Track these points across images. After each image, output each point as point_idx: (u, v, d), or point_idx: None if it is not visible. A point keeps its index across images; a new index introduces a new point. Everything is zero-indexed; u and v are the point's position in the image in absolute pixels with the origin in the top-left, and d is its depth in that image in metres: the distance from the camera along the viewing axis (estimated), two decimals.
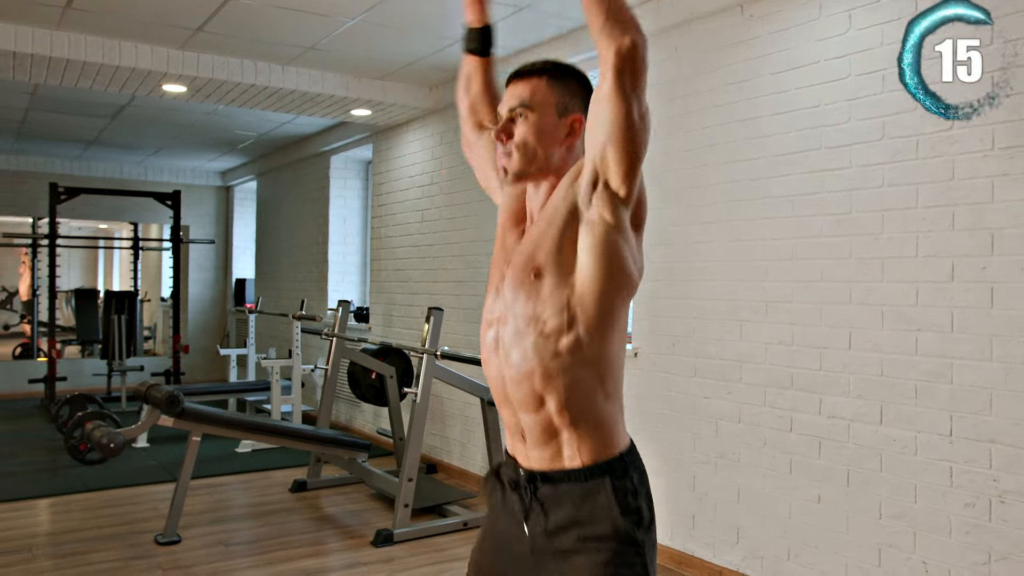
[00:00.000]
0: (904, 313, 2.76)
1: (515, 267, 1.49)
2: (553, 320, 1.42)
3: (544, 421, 1.44)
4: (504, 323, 1.49)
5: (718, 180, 3.41)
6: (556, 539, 1.44)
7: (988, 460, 2.53)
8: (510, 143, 1.49)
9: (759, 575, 3.22)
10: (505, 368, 1.48)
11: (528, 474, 1.48)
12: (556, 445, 1.44)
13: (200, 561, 3.61)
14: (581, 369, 1.42)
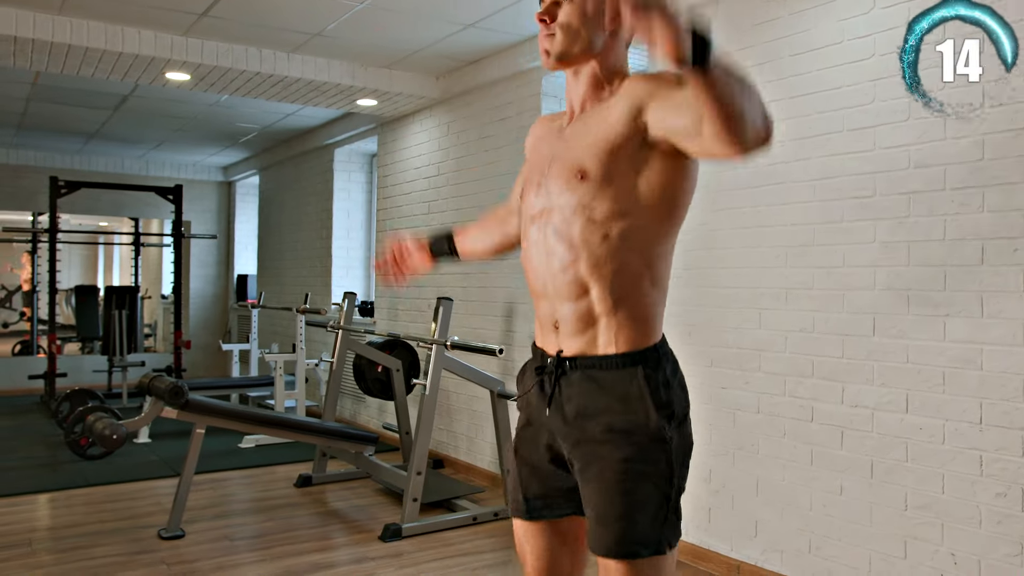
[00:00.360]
0: (931, 298, 2.68)
1: (561, 167, 1.49)
2: (604, 206, 1.42)
3: (584, 309, 1.45)
4: (548, 216, 1.49)
5: (736, 165, 3.33)
6: (585, 425, 1.44)
7: (1021, 448, 2.45)
8: (553, 24, 1.48)
9: (779, 569, 3.14)
10: (548, 259, 1.48)
11: (559, 360, 1.47)
12: (592, 333, 1.45)
13: (204, 556, 3.53)
14: (630, 254, 1.43)
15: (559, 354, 1.49)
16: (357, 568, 3.40)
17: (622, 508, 1.40)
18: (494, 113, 4.87)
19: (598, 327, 1.46)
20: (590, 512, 1.46)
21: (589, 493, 1.46)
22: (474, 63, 4.84)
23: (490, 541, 3.77)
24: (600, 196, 1.43)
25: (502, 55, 4.62)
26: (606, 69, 1.52)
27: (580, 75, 1.54)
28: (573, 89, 1.56)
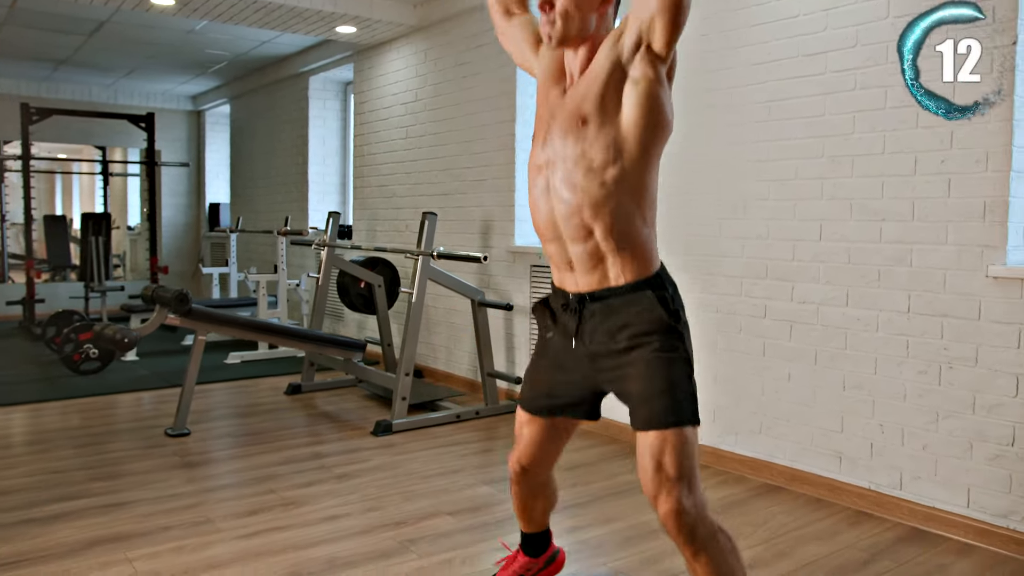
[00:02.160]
0: (870, 205, 3.05)
1: (563, 118, 1.74)
2: (600, 156, 1.68)
3: (592, 249, 1.72)
4: (553, 167, 1.75)
5: (699, 87, 3.63)
6: (611, 342, 1.74)
7: (940, 332, 2.85)
8: (553, 12, 1.73)
9: (733, 449, 3.56)
10: (556, 206, 1.74)
11: (578, 296, 1.76)
12: (603, 270, 1.73)
13: (212, 449, 3.85)
14: (623, 196, 1.70)
15: (580, 293, 1.78)
16: (353, 456, 3.74)
17: (663, 385, 1.68)
18: (471, 41, 5.08)
19: (607, 264, 1.74)
20: (636, 400, 1.72)
21: (629, 388, 1.73)
22: None
23: (474, 435, 4.15)
24: (596, 143, 1.69)
25: None
26: (598, 42, 1.77)
27: (578, 52, 1.79)
28: (572, 61, 1.81)
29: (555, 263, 1.84)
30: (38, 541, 2.66)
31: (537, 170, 1.81)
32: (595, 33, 1.77)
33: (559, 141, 1.75)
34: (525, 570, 2.28)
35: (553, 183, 1.76)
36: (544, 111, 1.84)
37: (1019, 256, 2.72)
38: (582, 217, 1.71)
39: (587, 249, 1.73)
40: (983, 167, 2.73)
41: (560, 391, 1.91)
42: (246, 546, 2.65)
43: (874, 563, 2.60)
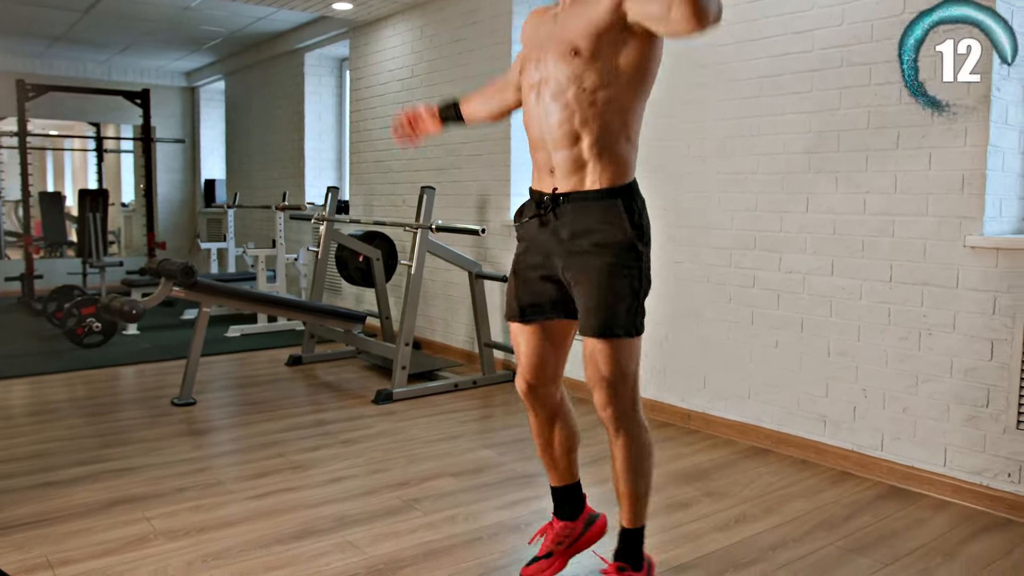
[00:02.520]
0: (855, 178, 3.16)
1: (557, 45, 1.88)
2: (591, 79, 1.83)
3: (576, 155, 1.88)
4: (546, 83, 1.90)
5: (692, 63, 3.72)
6: (576, 242, 1.90)
7: (920, 300, 2.99)
8: None
9: (723, 414, 3.70)
10: (546, 115, 1.89)
11: (554, 196, 1.92)
12: (582, 174, 1.89)
13: (218, 417, 3.97)
14: (610, 114, 1.85)
15: (555, 191, 1.94)
16: (356, 423, 3.87)
17: (606, 299, 1.88)
18: (466, 18, 5.15)
19: (586, 170, 1.89)
20: (581, 305, 1.92)
21: (580, 292, 1.93)
22: None
23: (473, 402, 4.28)
24: (589, 70, 1.84)
25: None
26: None
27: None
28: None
29: (538, 168, 1.99)
30: (59, 502, 2.78)
31: (531, 87, 1.95)
32: None
33: (552, 63, 1.89)
34: (563, 537, 2.23)
35: (545, 97, 1.91)
36: (533, 40, 1.99)
37: (995, 227, 2.85)
38: (572, 125, 1.86)
39: (571, 155, 1.88)
40: (962, 142, 2.85)
41: (536, 290, 2.03)
42: (258, 506, 2.78)
43: (855, 518, 2.75)
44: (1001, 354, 2.78)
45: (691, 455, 3.41)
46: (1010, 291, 2.75)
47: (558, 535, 2.24)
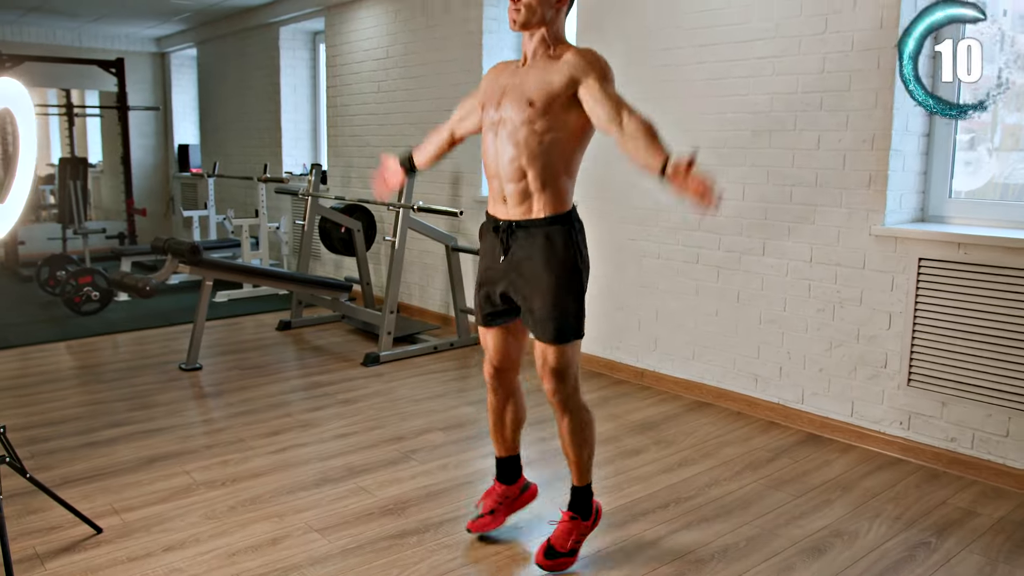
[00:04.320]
0: (783, 173, 3.69)
1: (516, 94, 2.31)
2: (541, 125, 2.27)
3: (523, 188, 2.33)
4: (503, 125, 2.33)
5: (649, 63, 4.19)
6: (526, 263, 2.36)
7: (835, 278, 3.55)
8: (520, 3, 2.29)
9: (671, 372, 4.27)
10: (502, 153, 2.33)
11: (507, 223, 2.38)
12: (528, 204, 2.34)
13: (225, 381, 4.42)
14: (554, 155, 2.31)
15: (509, 220, 2.39)
16: (350, 384, 4.36)
17: (554, 311, 2.32)
18: (440, 4, 5.52)
19: (532, 200, 2.34)
20: (534, 316, 2.36)
21: (533, 306, 2.37)
22: None
23: (451, 363, 4.80)
24: (540, 119, 2.27)
25: None
26: (551, 34, 2.35)
27: (534, 36, 2.35)
28: (528, 44, 2.38)
29: (493, 194, 2.43)
30: (105, 460, 3.25)
31: (491, 125, 2.37)
32: (550, 22, 2.33)
33: (509, 108, 2.31)
34: (503, 498, 2.68)
35: (501, 136, 2.33)
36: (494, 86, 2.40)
37: (895, 218, 3.41)
38: (520, 163, 2.30)
39: (519, 188, 2.32)
40: (870, 146, 3.38)
41: (495, 302, 2.48)
42: (278, 459, 3.28)
43: (777, 460, 3.34)
44: (897, 324, 3.37)
45: (644, 408, 3.98)
46: (905, 272, 3.32)
47: (500, 496, 2.69)
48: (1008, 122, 3.47)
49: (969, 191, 3.48)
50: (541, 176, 2.30)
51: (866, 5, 3.34)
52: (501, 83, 2.39)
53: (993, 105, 3.12)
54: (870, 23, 3.33)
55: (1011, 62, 3.03)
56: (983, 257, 3.10)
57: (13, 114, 2.15)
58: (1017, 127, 3.46)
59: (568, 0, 2.37)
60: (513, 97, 2.31)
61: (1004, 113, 3.43)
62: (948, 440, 3.26)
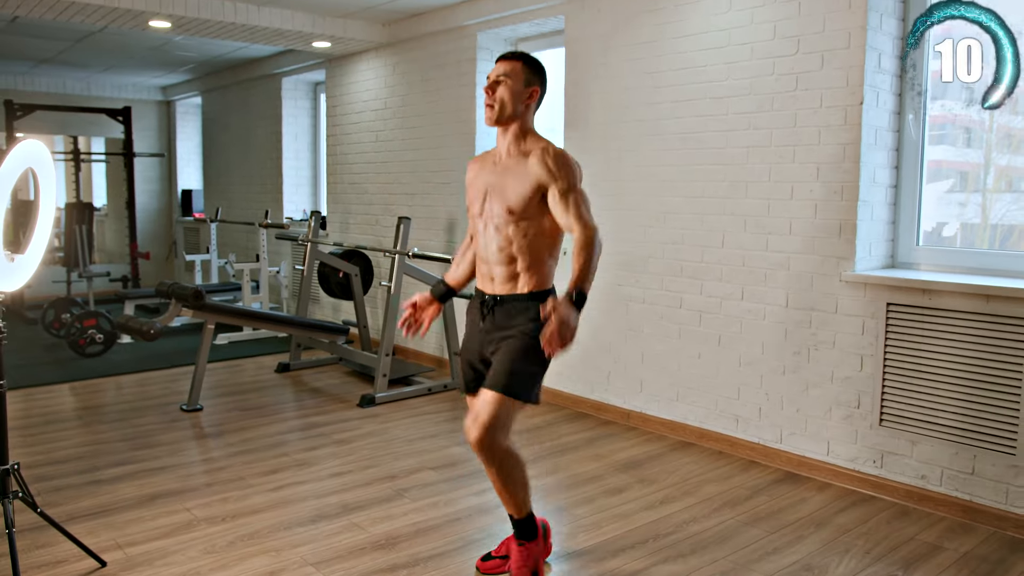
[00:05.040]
0: (760, 221, 3.88)
1: (498, 197, 2.54)
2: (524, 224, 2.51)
3: (511, 271, 2.55)
4: (491, 218, 2.56)
5: (631, 118, 4.41)
6: (504, 330, 2.56)
7: (809, 322, 3.72)
8: (493, 97, 2.54)
9: (656, 414, 4.41)
10: (490, 242, 2.56)
11: (492, 297, 2.59)
12: (514, 283, 2.56)
13: (226, 421, 4.56)
14: (540, 245, 2.54)
15: (494, 295, 2.59)
16: (346, 424, 4.50)
17: (510, 367, 2.47)
18: (435, 59, 5.77)
19: (518, 280, 2.55)
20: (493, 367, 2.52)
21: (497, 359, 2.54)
22: (419, 15, 5.70)
23: (445, 404, 4.94)
24: (522, 219, 2.50)
25: (444, 12, 5.50)
26: (523, 128, 2.58)
27: (507, 131, 2.58)
28: (502, 139, 2.60)
29: (481, 274, 2.64)
30: (109, 497, 3.39)
31: (479, 217, 2.60)
32: (521, 116, 2.56)
33: (494, 207, 2.55)
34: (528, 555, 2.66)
35: (489, 228, 2.56)
36: (481, 181, 2.62)
37: (864, 265, 3.59)
38: (509, 251, 2.53)
39: (507, 271, 2.55)
40: (839, 197, 3.58)
41: (478, 370, 2.66)
42: (276, 496, 3.41)
43: (755, 497, 3.47)
44: (868, 367, 3.53)
45: (629, 448, 4.12)
46: (874, 317, 3.49)
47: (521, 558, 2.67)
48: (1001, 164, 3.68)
49: (949, 235, 3.68)
50: (527, 261, 2.53)
51: (833, 66, 3.55)
52: (483, 181, 2.62)
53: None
54: (837, 82, 3.54)
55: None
56: (947, 303, 3.27)
57: (37, 174, 2.33)
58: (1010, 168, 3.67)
59: (536, 98, 2.60)
60: (495, 198, 2.54)
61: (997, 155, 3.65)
62: (918, 477, 3.40)
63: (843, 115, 3.54)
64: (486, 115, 2.57)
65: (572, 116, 4.75)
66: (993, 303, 3.15)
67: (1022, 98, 3.57)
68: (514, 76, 2.54)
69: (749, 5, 3.85)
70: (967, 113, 3.59)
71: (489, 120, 2.56)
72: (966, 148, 3.81)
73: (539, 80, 2.60)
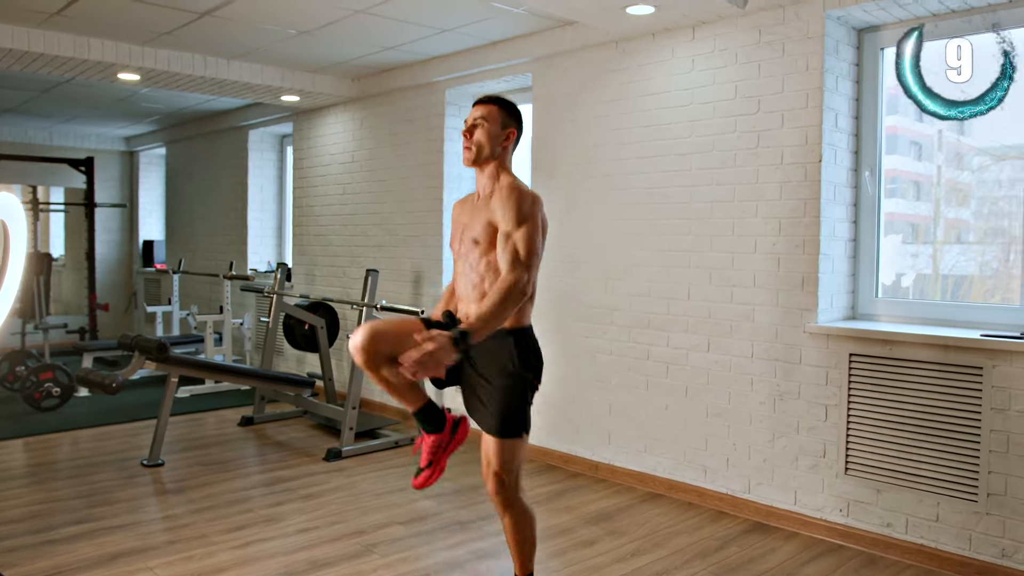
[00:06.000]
0: (724, 274, 3.96)
1: (471, 230, 2.61)
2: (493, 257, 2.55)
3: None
4: (465, 256, 2.63)
5: (597, 173, 4.51)
6: (483, 368, 2.59)
7: (774, 372, 3.78)
8: (471, 140, 2.63)
9: (625, 465, 4.42)
10: (466, 279, 2.62)
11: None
12: None
13: (188, 477, 4.46)
14: None
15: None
16: (312, 479, 4.43)
17: (503, 409, 2.55)
18: (404, 114, 5.85)
19: None
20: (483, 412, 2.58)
21: (485, 402, 2.58)
22: (389, 71, 5.79)
23: (411, 458, 4.89)
24: (488, 253, 2.56)
25: (413, 68, 5.60)
26: (499, 168, 2.66)
27: (484, 172, 2.66)
28: (480, 180, 2.68)
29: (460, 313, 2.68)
30: (67, 557, 3.28)
31: (457, 253, 2.69)
32: (498, 157, 2.64)
33: (468, 243, 2.62)
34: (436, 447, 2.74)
35: (465, 266, 2.64)
36: (460, 222, 2.71)
37: (827, 316, 3.68)
38: (483, 289, 2.58)
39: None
40: (801, 251, 3.68)
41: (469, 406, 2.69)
42: (242, 554, 3.34)
43: (724, 549, 3.48)
44: (833, 416, 3.59)
45: (598, 500, 4.11)
46: (837, 368, 3.57)
47: (432, 446, 2.75)
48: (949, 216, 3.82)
49: (906, 286, 3.80)
50: None
51: (792, 124, 3.69)
52: (462, 220, 2.71)
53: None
54: (797, 140, 3.67)
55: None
56: (908, 353, 3.36)
57: (7, 227, 2.31)
58: (957, 220, 3.81)
59: (513, 139, 2.69)
60: (469, 234, 2.62)
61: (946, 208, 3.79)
62: (884, 526, 3.44)
63: (803, 172, 3.66)
64: (464, 156, 2.66)
65: (539, 170, 4.83)
66: (952, 353, 3.24)
67: (967, 155, 3.75)
68: (491, 119, 2.63)
69: (710, 66, 3.99)
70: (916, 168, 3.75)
71: (467, 161, 2.64)
72: (916, 201, 3.97)
73: (515, 123, 2.69)
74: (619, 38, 4.36)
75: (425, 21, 4.53)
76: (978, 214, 3.74)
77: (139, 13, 4.41)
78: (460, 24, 4.58)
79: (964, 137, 3.78)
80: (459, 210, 2.78)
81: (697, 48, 4.04)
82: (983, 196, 3.71)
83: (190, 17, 4.47)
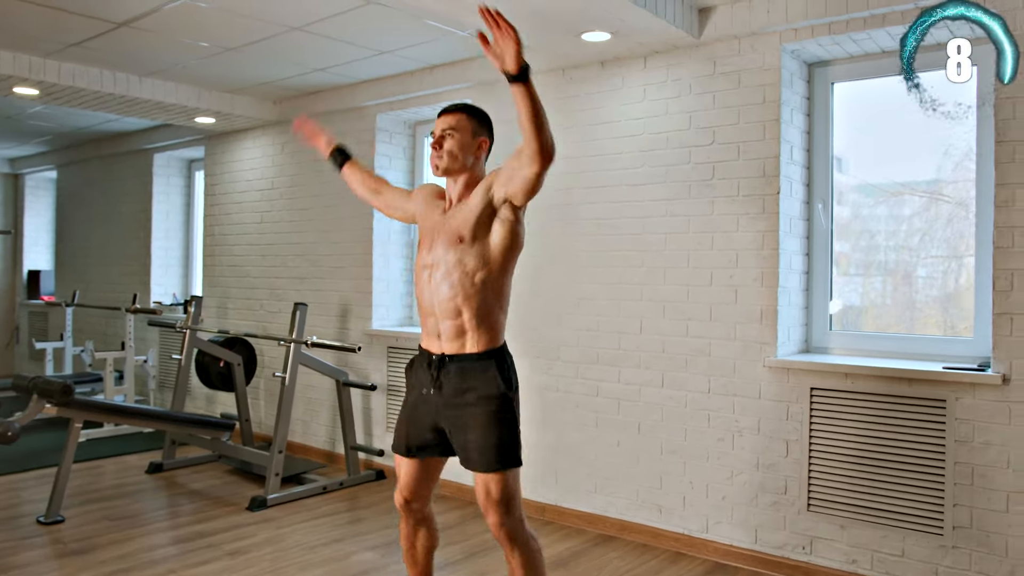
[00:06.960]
0: (679, 307, 3.87)
1: (446, 234, 2.43)
2: (472, 263, 2.39)
3: (458, 325, 2.41)
4: (437, 267, 2.43)
5: (543, 203, 4.33)
6: (461, 397, 2.41)
7: (732, 407, 3.70)
8: (442, 151, 2.46)
9: (573, 507, 4.24)
10: (436, 292, 2.42)
11: (441, 357, 2.43)
12: (463, 340, 2.42)
13: (93, 535, 3.99)
14: (487, 292, 2.41)
15: (442, 354, 2.42)
16: (237, 532, 4.05)
17: (495, 440, 2.37)
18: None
19: (467, 336, 2.42)
20: (472, 447, 2.38)
21: (470, 437, 2.39)
22: (314, 93, 5.51)
23: (343, 504, 4.56)
24: (469, 254, 2.39)
25: (342, 91, 5.34)
26: (472, 178, 2.51)
27: (457, 180, 2.51)
28: (452, 188, 2.53)
29: (427, 331, 2.49)
30: None
31: (423, 267, 2.48)
32: (471, 168, 2.49)
33: (441, 249, 2.43)
34: None
35: (435, 278, 2.44)
36: (428, 227, 2.53)
37: (785, 350, 3.63)
38: (456, 303, 2.39)
39: (455, 324, 2.41)
40: (760, 283, 3.62)
41: (424, 436, 2.51)
42: None
43: None
44: (794, 452, 3.52)
45: (549, 545, 3.90)
46: (798, 402, 3.51)
47: None
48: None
49: (854, 319, 3.78)
50: (477, 314, 2.39)
51: (749, 156, 3.65)
52: (431, 224, 2.51)
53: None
54: (754, 171, 3.63)
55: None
56: (867, 386, 3.33)
57: None
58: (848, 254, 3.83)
59: (486, 148, 2.54)
60: (443, 239, 2.43)
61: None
62: (849, 562, 3.38)
63: (761, 204, 3.62)
64: (432, 164, 2.50)
65: None
66: (915, 386, 3.23)
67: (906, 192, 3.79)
68: (460, 128, 2.49)
69: (663, 96, 3.93)
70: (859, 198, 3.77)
71: (437, 171, 2.49)
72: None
73: (487, 131, 2.57)
74: (567, 65, 4.25)
75: (363, 42, 4.31)
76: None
77: (46, 21, 4.01)
78: (400, 46, 4.37)
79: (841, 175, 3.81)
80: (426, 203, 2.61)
81: (649, 77, 3.98)
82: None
83: (106, 27, 4.09)
